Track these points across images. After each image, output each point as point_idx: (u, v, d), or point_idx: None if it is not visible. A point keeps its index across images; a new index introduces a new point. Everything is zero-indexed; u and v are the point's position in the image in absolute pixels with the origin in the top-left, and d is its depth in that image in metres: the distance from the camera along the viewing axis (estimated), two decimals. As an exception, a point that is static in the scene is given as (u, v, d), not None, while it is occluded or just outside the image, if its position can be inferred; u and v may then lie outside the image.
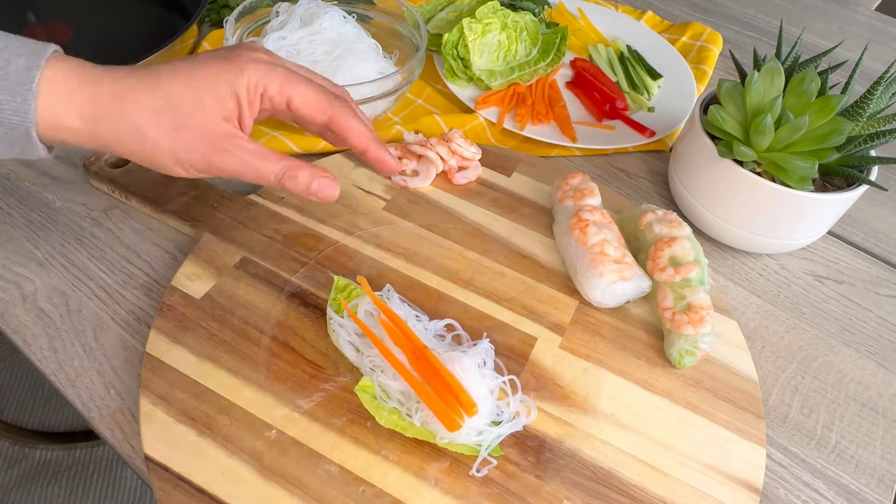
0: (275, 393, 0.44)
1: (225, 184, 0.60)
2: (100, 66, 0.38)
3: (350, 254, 0.53)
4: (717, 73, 0.84)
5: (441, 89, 0.74)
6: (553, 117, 0.71)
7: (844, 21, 1.02)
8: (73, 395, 0.45)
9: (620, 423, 0.45)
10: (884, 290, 0.60)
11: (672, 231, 0.53)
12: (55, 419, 1.23)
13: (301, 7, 0.67)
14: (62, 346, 0.47)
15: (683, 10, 0.97)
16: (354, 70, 0.64)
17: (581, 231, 0.53)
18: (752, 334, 0.55)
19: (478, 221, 0.58)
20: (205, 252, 0.52)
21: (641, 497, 0.42)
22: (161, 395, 0.43)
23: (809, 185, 0.53)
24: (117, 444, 0.43)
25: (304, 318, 0.49)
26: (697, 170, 0.58)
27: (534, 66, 0.75)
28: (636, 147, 0.69)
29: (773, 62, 0.54)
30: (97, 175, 0.56)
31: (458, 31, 0.72)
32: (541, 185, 0.62)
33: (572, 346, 0.50)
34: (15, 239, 0.54)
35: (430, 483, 0.41)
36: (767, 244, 0.58)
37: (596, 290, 0.51)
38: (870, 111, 0.54)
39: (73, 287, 0.51)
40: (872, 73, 0.87)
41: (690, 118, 0.60)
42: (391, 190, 0.59)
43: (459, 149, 0.60)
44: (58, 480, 1.13)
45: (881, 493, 0.46)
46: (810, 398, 0.51)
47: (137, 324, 0.49)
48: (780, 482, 0.46)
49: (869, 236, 0.66)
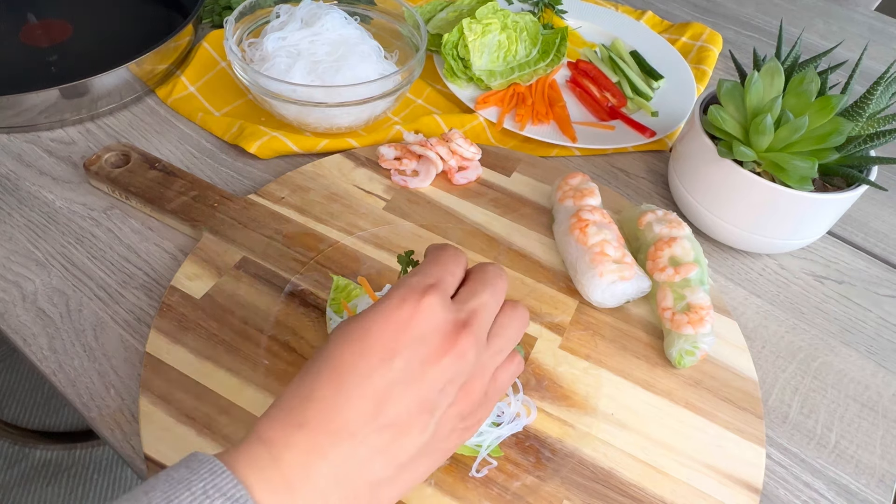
0: (275, 393, 0.44)
1: (225, 183, 0.60)
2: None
3: (350, 254, 0.53)
4: (717, 73, 0.84)
5: (441, 89, 0.74)
6: (553, 117, 0.71)
7: (844, 21, 1.02)
8: (73, 395, 0.45)
9: (620, 423, 0.45)
10: (884, 290, 0.60)
11: (672, 231, 0.53)
12: (55, 419, 1.22)
13: (302, 8, 0.67)
14: (62, 346, 0.47)
15: (683, 10, 0.97)
16: (356, 70, 0.64)
17: (581, 231, 0.53)
18: (752, 334, 0.55)
19: (478, 221, 0.58)
20: (205, 252, 0.52)
21: (641, 497, 0.42)
22: (161, 395, 0.43)
23: (809, 185, 0.53)
24: (117, 444, 0.43)
25: (304, 318, 0.49)
26: (697, 170, 0.58)
27: (534, 66, 0.75)
28: (636, 147, 0.69)
29: (773, 62, 0.54)
30: (97, 175, 0.56)
31: (458, 32, 0.72)
32: (541, 185, 0.62)
33: (572, 346, 0.50)
34: (15, 239, 0.54)
35: (429, 483, 0.41)
36: (767, 244, 0.58)
37: (596, 290, 0.51)
38: (870, 111, 0.54)
39: (73, 287, 0.51)
40: (872, 73, 0.87)
41: (690, 118, 0.60)
42: (391, 190, 0.59)
43: (459, 149, 0.60)
44: (58, 480, 1.13)
45: (881, 493, 0.46)
46: (810, 398, 0.51)
47: (137, 324, 0.49)
48: (780, 482, 0.46)
49: (869, 236, 0.66)
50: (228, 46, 0.61)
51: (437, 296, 0.32)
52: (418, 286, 0.32)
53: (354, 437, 0.30)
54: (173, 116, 0.67)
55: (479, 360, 0.33)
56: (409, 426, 0.31)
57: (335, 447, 0.29)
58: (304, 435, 0.29)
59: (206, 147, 0.64)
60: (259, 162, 0.63)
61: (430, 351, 0.31)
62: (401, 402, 0.30)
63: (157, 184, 0.56)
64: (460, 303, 0.34)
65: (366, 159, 0.62)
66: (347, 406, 0.30)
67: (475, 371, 0.33)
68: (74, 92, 0.61)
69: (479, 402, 0.34)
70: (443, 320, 0.32)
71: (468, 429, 0.34)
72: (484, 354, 0.33)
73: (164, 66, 0.68)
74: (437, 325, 0.32)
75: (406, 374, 0.30)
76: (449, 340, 0.32)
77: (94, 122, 0.65)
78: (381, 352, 0.31)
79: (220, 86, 0.70)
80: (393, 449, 0.30)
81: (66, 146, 0.62)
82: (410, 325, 0.31)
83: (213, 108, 0.68)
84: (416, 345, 0.31)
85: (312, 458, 0.29)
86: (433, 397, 0.31)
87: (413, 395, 0.30)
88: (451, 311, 0.32)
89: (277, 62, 0.63)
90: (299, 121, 0.63)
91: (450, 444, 0.34)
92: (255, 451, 0.29)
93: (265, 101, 0.62)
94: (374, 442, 0.30)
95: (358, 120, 0.64)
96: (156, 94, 0.69)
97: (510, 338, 0.35)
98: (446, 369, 0.31)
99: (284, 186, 0.58)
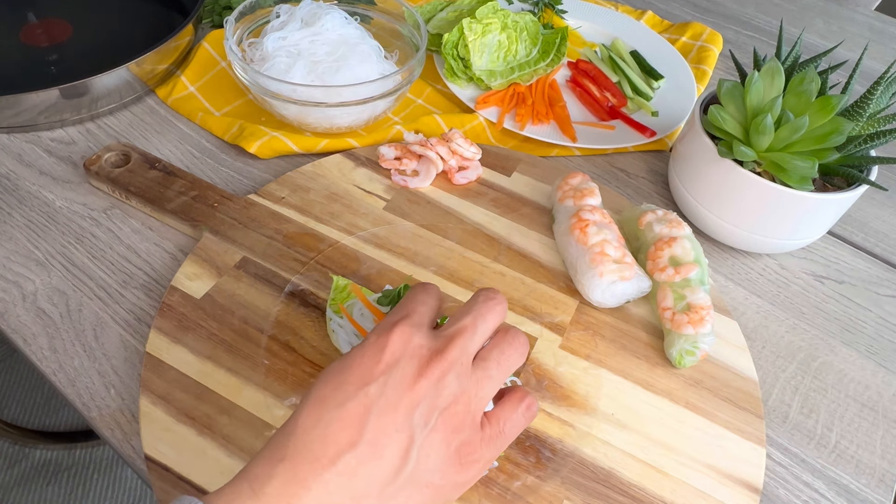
0: (275, 393, 0.44)
1: (225, 183, 0.60)
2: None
3: (350, 254, 0.53)
4: (717, 73, 0.84)
5: (441, 89, 0.74)
6: (553, 117, 0.71)
7: (844, 21, 1.02)
8: (73, 395, 0.45)
9: (620, 423, 0.45)
10: (884, 290, 0.60)
11: (672, 231, 0.53)
12: (55, 419, 1.22)
13: (302, 8, 0.67)
14: (62, 346, 0.47)
15: (683, 10, 0.97)
16: (356, 70, 0.64)
17: (581, 231, 0.53)
18: (752, 334, 0.55)
19: (478, 221, 0.58)
20: (205, 252, 0.52)
21: (641, 497, 0.42)
22: (161, 394, 0.43)
23: (809, 185, 0.53)
24: (117, 444, 0.43)
25: (304, 317, 0.49)
26: (697, 170, 0.58)
27: (534, 66, 0.75)
28: (636, 147, 0.69)
29: (773, 62, 0.54)
30: (97, 175, 0.56)
31: (458, 31, 0.72)
32: (541, 185, 0.62)
33: (572, 346, 0.50)
34: (15, 239, 0.54)
35: (430, 483, 0.41)
36: (767, 244, 0.58)
37: (596, 290, 0.51)
38: (870, 111, 0.54)
39: (73, 287, 0.51)
40: (872, 73, 0.87)
41: (690, 118, 0.60)
42: (391, 190, 0.59)
43: (459, 149, 0.60)
44: (58, 480, 1.13)
45: (881, 493, 0.46)
46: (810, 398, 0.51)
47: (137, 324, 0.49)
48: (780, 482, 0.46)
49: (869, 236, 0.66)
50: (228, 46, 0.61)
51: (408, 324, 0.33)
52: (388, 322, 0.34)
53: (335, 465, 0.30)
54: (173, 116, 0.67)
55: (460, 385, 0.33)
56: (388, 448, 0.30)
57: (317, 476, 0.29)
58: (284, 467, 0.29)
59: (207, 147, 0.64)
60: (259, 162, 0.63)
61: (405, 376, 0.32)
62: (378, 425, 0.30)
63: (157, 184, 0.56)
64: (442, 330, 0.34)
65: (366, 159, 0.62)
66: (326, 434, 0.30)
67: (457, 396, 0.32)
68: (74, 92, 0.61)
69: (468, 433, 0.33)
70: (417, 346, 0.32)
71: (468, 465, 0.33)
72: (466, 380, 0.33)
73: (164, 66, 0.68)
74: (412, 352, 0.32)
75: (382, 398, 0.31)
76: (423, 365, 0.32)
77: (94, 122, 0.65)
78: (357, 381, 0.31)
79: (220, 86, 0.70)
80: (375, 472, 0.30)
81: (66, 146, 0.62)
82: (384, 353, 0.32)
83: (213, 108, 0.68)
84: (392, 371, 0.32)
85: (294, 489, 0.29)
86: (410, 421, 0.31)
87: (389, 418, 0.31)
88: (426, 338, 0.33)
89: (277, 62, 0.63)
90: (299, 121, 0.63)
91: (447, 481, 0.32)
92: (238, 488, 0.29)
93: (265, 101, 0.62)
94: (355, 467, 0.30)
95: (358, 120, 0.64)
96: (156, 94, 0.69)
97: (499, 363, 0.34)
98: (422, 393, 0.31)
99: (284, 186, 0.58)
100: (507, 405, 0.35)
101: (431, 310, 0.36)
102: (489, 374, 0.34)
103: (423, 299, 0.36)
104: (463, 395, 0.33)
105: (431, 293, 0.36)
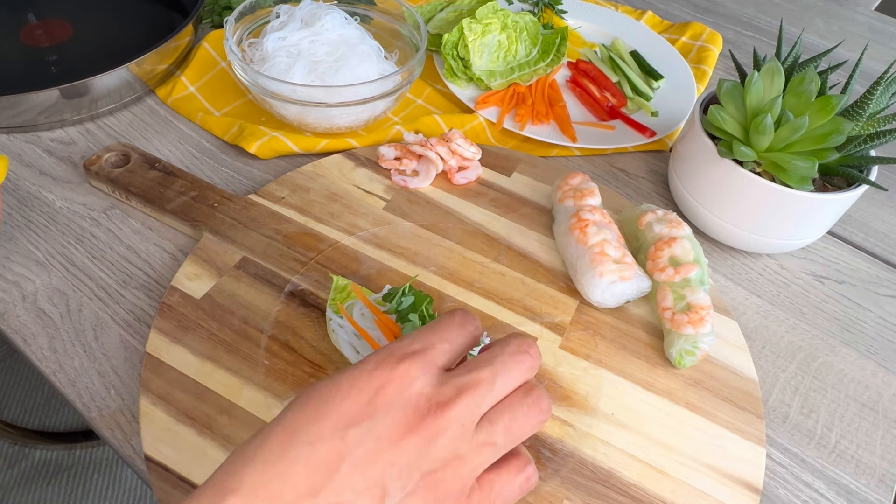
0: (275, 393, 0.44)
1: (225, 183, 0.60)
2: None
3: (350, 254, 0.53)
4: (717, 73, 0.84)
5: (441, 89, 0.74)
6: (553, 117, 0.71)
7: (844, 21, 1.02)
8: (73, 395, 0.45)
9: (620, 423, 0.45)
10: (884, 290, 0.60)
11: (672, 231, 0.53)
12: (55, 419, 1.22)
13: (302, 8, 0.67)
14: (62, 346, 0.47)
15: (683, 10, 0.97)
16: (356, 70, 0.64)
17: (581, 231, 0.53)
18: (752, 334, 0.55)
19: (478, 221, 0.58)
20: (205, 252, 0.52)
21: (641, 497, 0.42)
22: (161, 395, 0.43)
23: (809, 185, 0.53)
24: (117, 444, 0.43)
25: (304, 318, 0.49)
26: (697, 170, 0.58)
27: (534, 66, 0.75)
28: (636, 147, 0.69)
29: (773, 62, 0.54)
30: (97, 175, 0.56)
31: (458, 32, 0.72)
32: (541, 185, 0.62)
33: (572, 346, 0.50)
34: (15, 239, 0.54)
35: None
36: (767, 244, 0.58)
37: (596, 290, 0.51)
38: (870, 111, 0.54)
39: (73, 287, 0.51)
40: (872, 73, 0.87)
41: (690, 118, 0.60)
42: (391, 190, 0.59)
43: (459, 149, 0.60)
44: (58, 480, 1.13)
45: (881, 493, 0.46)
46: (810, 398, 0.51)
47: (137, 324, 0.49)
48: (780, 482, 0.46)
49: (869, 236, 0.66)
50: (228, 46, 0.61)
51: (418, 365, 0.28)
52: (398, 351, 0.29)
53: None
54: (173, 116, 0.67)
55: (454, 450, 0.28)
56: None
57: None
58: (233, 501, 0.26)
59: (206, 147, 0.64)
60: (259, 162, 0.63)
61: (393, 427, 0.27)
62: (347, 480, 0.26)
63: (157, 184, 0.56)
64: (453, 377, 0.29)
65: (366, 159, 0.62)
66: (288, 473, 0.26)
67: (448, 462, 0.28)
68: (74, 92, 0.61)
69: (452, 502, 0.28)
70: (417, 394, 0.28)
71: None
72: (464, 444, 0.28)
73: (164, 66, 0.68)
74: (410, 399, 0.28)
75: (359, 448, 0.27)
76: (418, 418, 0.28)
77: (94, 122, 0.65)
78: (336, 419, 0.27)
79: (220, 86, 0.70)
80: None
81: (66, 146, 0.62)
82: (379, 394, 0.28)
83: (213, 108, 0.68)
84: (379, 417, 0.27)
85: None
86: (385, 482, 0.27)
87: (361, 474, 0.27)
88: (432, 385, 0.28)
89: (277, 62, 0.63)
90: (299, 121, 0.63)
91: None
92: None
93: (265, 101, 0.62)
94: None
95: (358, 120, 0.64)
96: (156, 94, 0.69)
97: (508, 430, 0.29)
98: (407, 452, 0.27)
99: (284, 186, 0.58)
100: (505, 472, 0.30)
101: (455, 349, 0.31)
102: (493, 441, 0.29)
103: (451, 336, 0.31)
104: (455, 460, 0.28)
105: (465, 331, 0.31)
